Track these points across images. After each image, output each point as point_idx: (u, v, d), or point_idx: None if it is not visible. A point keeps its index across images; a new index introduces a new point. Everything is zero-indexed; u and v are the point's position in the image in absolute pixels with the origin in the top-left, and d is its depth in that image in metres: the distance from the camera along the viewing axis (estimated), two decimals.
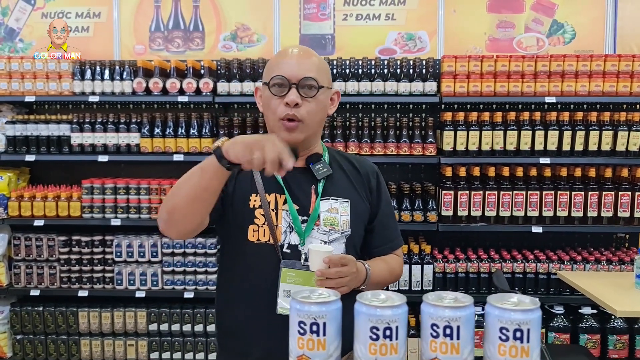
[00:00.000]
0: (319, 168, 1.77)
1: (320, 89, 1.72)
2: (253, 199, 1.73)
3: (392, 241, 1.91)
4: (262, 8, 4.38)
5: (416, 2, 4.33)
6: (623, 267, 3.78)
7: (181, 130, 3.96)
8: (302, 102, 1.68)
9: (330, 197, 1.77)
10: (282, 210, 1.73)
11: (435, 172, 4.17)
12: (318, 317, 1.00)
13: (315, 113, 1.72)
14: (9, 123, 4.03)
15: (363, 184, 1.86)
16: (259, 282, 1.69)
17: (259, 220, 1.72)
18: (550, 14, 4.30)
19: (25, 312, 4.08)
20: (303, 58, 1.73)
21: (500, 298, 1.05)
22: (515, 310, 1.01)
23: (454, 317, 1.00)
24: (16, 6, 4.43)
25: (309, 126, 1.72)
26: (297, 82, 1.68)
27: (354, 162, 1.90)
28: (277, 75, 1.69)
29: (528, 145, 3.81)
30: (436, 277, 3.88)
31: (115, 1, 4.40)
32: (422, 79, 3.87)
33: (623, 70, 3.81)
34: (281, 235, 1.71)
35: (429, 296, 1.05)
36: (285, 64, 1.71)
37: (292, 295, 1.03)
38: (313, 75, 1.70)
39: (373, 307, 1.00)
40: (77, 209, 3.98)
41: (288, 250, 1.70)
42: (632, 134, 3.78)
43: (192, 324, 4.03)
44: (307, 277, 1.62)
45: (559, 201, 3.80)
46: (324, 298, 1.04)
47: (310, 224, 1.72)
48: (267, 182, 1.74)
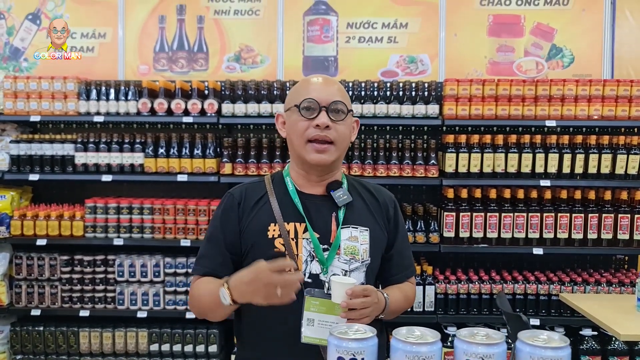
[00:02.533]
0: (339, 195, 1.77)
1: (349, 112, 1.77)
2: (272, 229, 1.73)
3: (407, 269, 1.93)
4: (266, 30, 4.43)
5: (418, 26, 4.40)
6: (623, 289, 3.82)
7: (185, 151, 3.99)
8: (332, 125, 1.71)
9: (350, 225, 1.77)
10: (303, 239, 1.72)
11: (437, 194, 4.22)
12: (356, 353, 1.03)
13: (345, 136, 1.76)
14: (14, 142, 4.04)
15: (381, 212, 1.87)
16: (281, 311, 1.64)
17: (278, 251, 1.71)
18: (549, 39, 4.39)
19: (25, 331, 4.06)
20: (329, 84, 1.79)
21: (532, 335, 1.08)
22: (546, 348, 1.04)
23: (487, 354, 1.03)
24: (22, 26, 4.46)
25: (339, 148, 1.75)
26: (327, 105, 1.72)
27: (372, 190, 1.91)
28: (307, 99, 1.72)
29: (529, 167, 3.87)
30: (438, 298, 3.90)
31: (121, 22, 4.44)
32: (424, 102, 3.92)
33: (622, 95, 3.88)
34: (302, 265, 1.70)
35: (461, 332, 1.08)
36: (314, 89, 1.75)
37: (330, 331, 1.06)
38: (341, 99, 1.74)
39: (409, 343, 1.03)
40: (79, 229, 3.98)
41: (309, 279, 1.70)
42: (630, 157, 3.85)
43: (194, 345, 4.02)
44: (330, 305, 1.62)
45: (559, 223, 3.85)
46: (361, 334, 1.07)
47: (332, 253, 1.72)
48: (286, 210, 1.75)
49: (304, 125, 1.72)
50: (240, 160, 3.94)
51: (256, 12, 4.44)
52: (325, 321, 1.62)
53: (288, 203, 1.77)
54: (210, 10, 4.44)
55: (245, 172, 3.91)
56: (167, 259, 4.01)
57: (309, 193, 1.81)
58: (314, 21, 4.43)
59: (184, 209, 3.97)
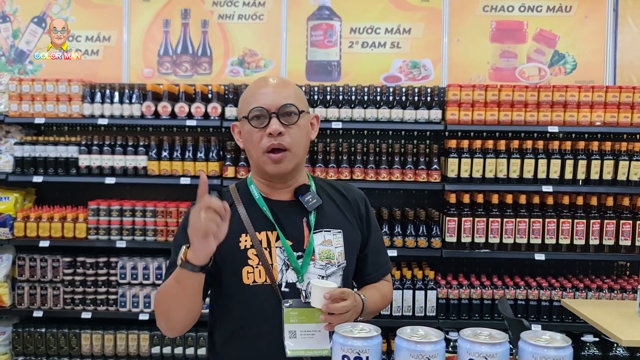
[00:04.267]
0: (308, 199, 1.71)
1: (301, 114, 1.68)
2: (244, 240, 1.67)
3: (383, 266, 1.88)
4: (270, 34, 4.46)
5: (421, 31, 4.42)
6: (625, 295, 3.82)
7: (188, 154, 4.00)
8: (285, 130, 1.64)
9: (323, 230, 1.71)
10: (276, 248, 1.66)
11: (439, 199, 4.23)
12: (361, 352, 1.04)
13: (300, 139, 1.68)
14: (18, 144, 4.06)
15: (353, 211, 1.81)
16: (261, 325, 1.63)
17: (252, 262, 1.65)
18: (551, 45, 4.40)
19: (27, 333, 4.06)
20: (278, 87, 1.69)
21: (534, 335, 1.09)
22: (549, 348, 1.05)
23: (491, 353, 1.04)
24: (27, 29, 4.49)
25: (295, 154, 1.68)
26: (277, 110, 1.64)
27: (341, 190, 1.85)
28: (255, 108, 1.64)
29: (531, 173, 3.88)
30: (439, 303, 3.90)
31: (125, 25, 4.46)
32: (427, 107, 3.94)
33: (624, 102, 3.90)
34: (277, 274, 1.65)
35: (465, 332, 1.09)
36: (262, 94, 1.66)
37: (335, 330, 1.07)
38: (292, 102, 1.66)
39: (414, 342, 1.04)
40: (82, 231, 4.00)
41: (286, 289, 1.64)
42: (633, 164, 3.86)
43: (195, 347, 4.03)
44: (310, 314, 1.58)
45: (561, 229, 3.86)
46: (366, 333, 1.08)
47: (306, 259, 1.66)
48: (255, 219, 1.69)
49: (258, 136, 1.65)
50: (243, 164, 3.95)
51: (260, 16, 4.46)
52: (307, 331, 1.57)
53: (256, 212, 1.71)
54: (214, 15, 4.47)
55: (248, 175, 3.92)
56: None
57: (276, 200, 1.75)
58: (317, 26, 4.45)
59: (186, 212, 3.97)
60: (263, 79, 1.74)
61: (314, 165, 3.93)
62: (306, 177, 1.81)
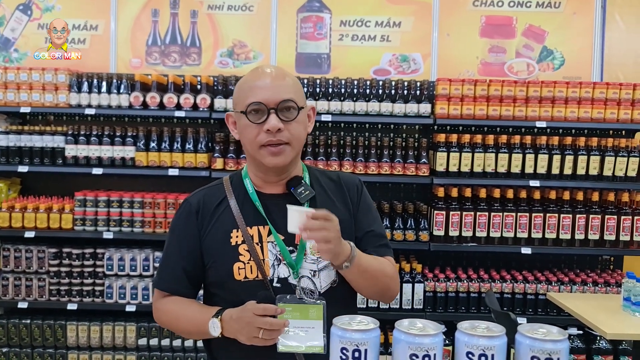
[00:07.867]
0: (301, 191, 1.67)
1: (300, 110, 1.64)
2: (235, 235, 1.65)
3: (381, 240, 1.79)
4: (260, 26, 4.43)
5: (411, 25, 4.43)
6: (608, 289, 3.88)
7: (177, 145, 3.97)
8: (283, 126, 1.60)
9: None
10: (268, 243, 1.64)
11: (427, 192, 4.24)
12: (360, 344, 1.05)
13: (299, 134, 1.65)
14: (3, 133, 4.00)
15: (343, 195, 1.77)
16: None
17: (244, 257, 1.63)
18: (540, 41, 4.43)
19: (12, 324, 4.02)
20: (278, 80, 1.63)
21: (531, 328, 1.10)
22: (546, 341, 1.06)
23: (489, 346, 1.05)
24: (12, 16, 4.41)
25: (294, 148, 1.65)
26: (276, 106, 1.59)
27: (334, 177, 1.82)
28: (253, 102, 1.59)
29: (519, 167, 3.91)
30: (427, 296, 3.93)
31: (113, 14, 4.41)
32: (416, 101, 3.94)
33: (611, 98, 3.93)
34: (269, 270, 1.63)
35: (463, 324, 1.10)
36: (260, 88, 1.61)
37: (334, 322, 1.07)
38: (291, 97, 1.61)
39: (412, 335, 1.05)
40: (69, 221, 3.96)
41: (278, 284, 1.62)
42: (618, 160, 3.90)
43: (182, 339, 4.02)
44: (304, 310, 1.57)
45: (547, 223, 3.90)
46: (364, 325, 1.08)
47: (300, 254, 1.64)
48: (247, 214, 1.66)
49: (255, 131, 1.60)
50: (232, 156, 3.93)
51: (250, 7, 4.43)
52: (300, 327, 1.56)
53: (249, 206, 1.69)
54: (203, 5, 4.43)
55: (237, 167, 3.91)
56: (157, 253, 3.99)
57: (269, 193, 1.72)
58: (307, 18, 4.44)
59: (174, 204, 3.96)
60: (260, 68, 1.68)
61: (303, 158, 3.88)
62: (301, 168, 1.78)
